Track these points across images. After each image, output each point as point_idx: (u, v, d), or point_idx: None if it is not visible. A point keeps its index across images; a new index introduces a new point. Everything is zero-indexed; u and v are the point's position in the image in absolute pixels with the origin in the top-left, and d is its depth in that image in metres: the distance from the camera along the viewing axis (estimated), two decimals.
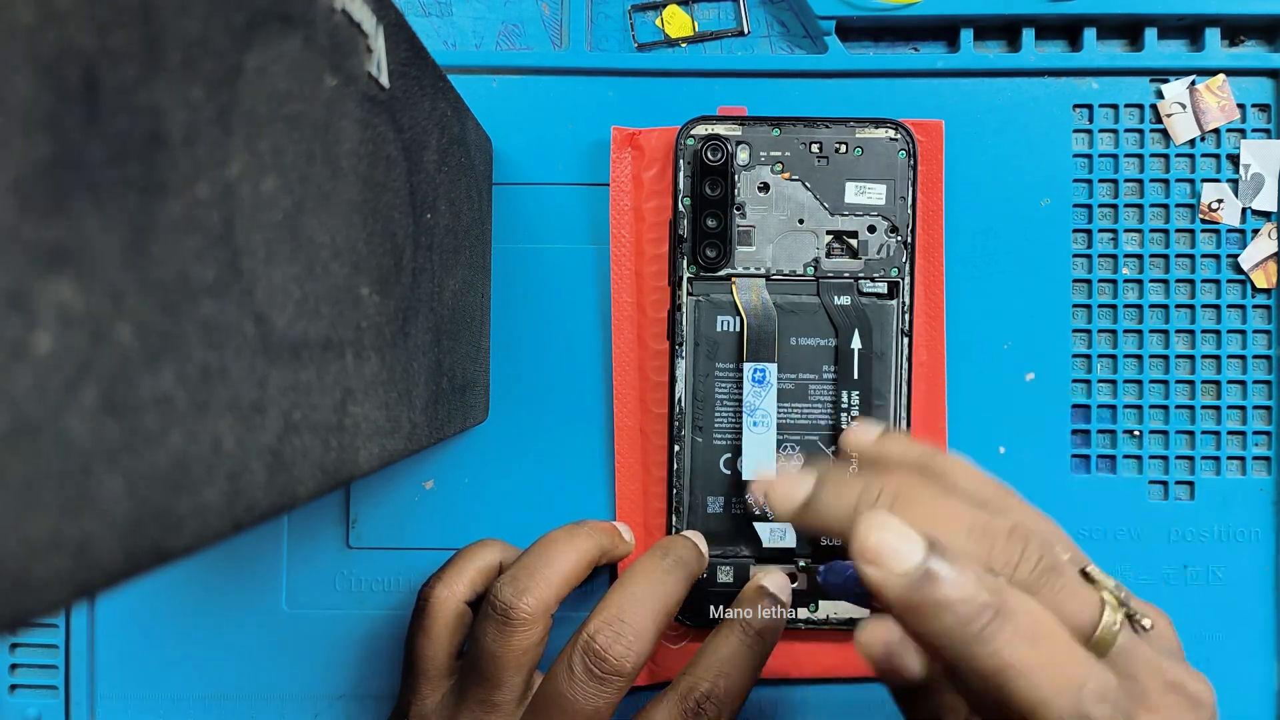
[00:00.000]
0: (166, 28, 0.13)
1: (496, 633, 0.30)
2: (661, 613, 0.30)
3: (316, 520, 0.37)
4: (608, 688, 0.28)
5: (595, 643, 0.28)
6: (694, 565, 0.32)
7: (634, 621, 0.29)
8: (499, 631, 0.30)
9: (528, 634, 0.30)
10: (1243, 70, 0.36)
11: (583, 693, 0.28)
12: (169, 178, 0.13)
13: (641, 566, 0.31)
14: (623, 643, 0.28)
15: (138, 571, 0.12)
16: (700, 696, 0.29)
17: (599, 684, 0.28)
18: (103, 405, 0.12)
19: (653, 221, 0.36)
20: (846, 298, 0.35)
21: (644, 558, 0.31)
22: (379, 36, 0.20)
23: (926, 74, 0.37)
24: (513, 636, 0.29)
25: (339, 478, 0.19)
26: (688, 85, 0.37)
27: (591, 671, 0.28)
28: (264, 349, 0.16)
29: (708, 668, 0.30)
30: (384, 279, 0.22)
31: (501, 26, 0.37)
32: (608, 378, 0.36)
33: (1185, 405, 0.36)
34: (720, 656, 0.30)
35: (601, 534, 0.33)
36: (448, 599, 0.32)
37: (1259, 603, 0.36)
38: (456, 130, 0.29)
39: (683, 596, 0.31)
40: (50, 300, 0.11)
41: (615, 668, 0.28)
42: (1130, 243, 0.37)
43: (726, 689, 0.29)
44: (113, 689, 0.36)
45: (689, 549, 0.32)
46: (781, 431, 0.35)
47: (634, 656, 0.28)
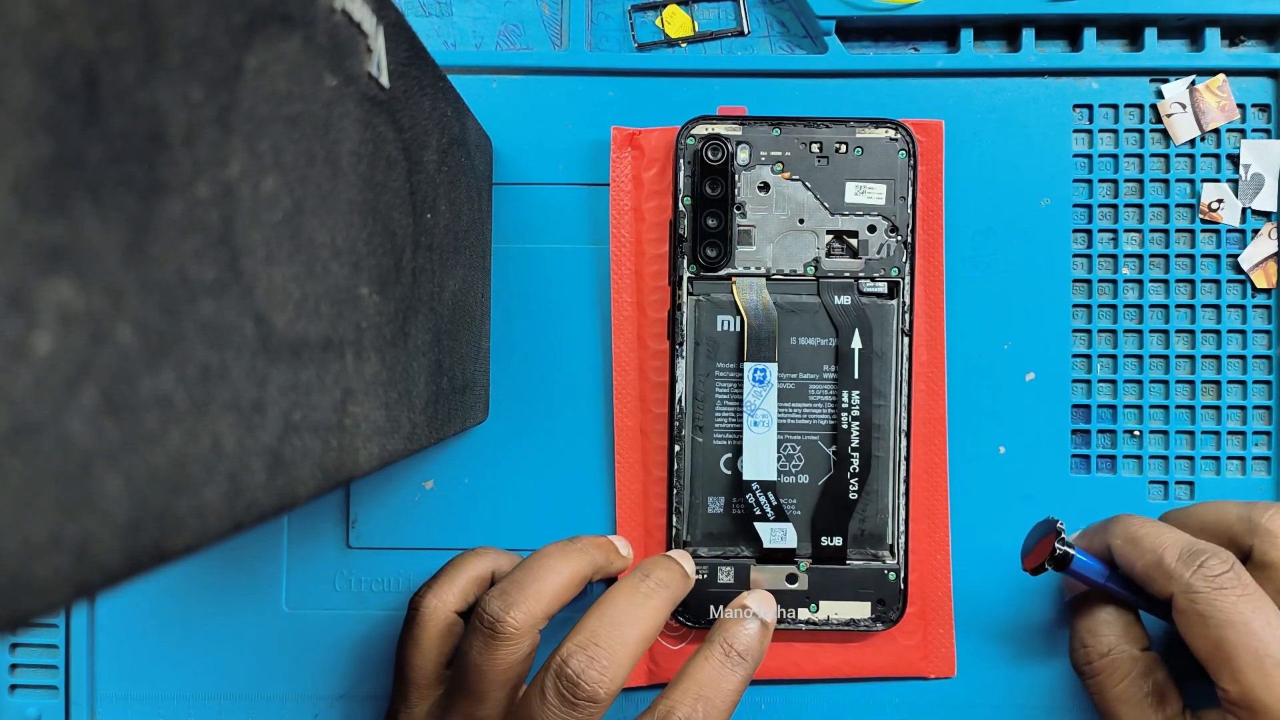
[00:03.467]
0: (166, 28, 0.13)
1: (483, 646, 0.29)
2: (639, 638, 0.29)
3: (316, 520, 0.37)
4: (580, 714, 0.27)
5: (568, 668, 0.28)
6: (676, 587, 0.31)
7: (609, 646, 0.28)
8: (485, 644, 0.29)
9: (514, 649, 0.29)
10: (1243, 70, 0.36)
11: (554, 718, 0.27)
12: (169, 178, 0.13)
13: (621, 589, 0.30)
14: (596, 668, 0.28)
15: (138, 571, 0.12)
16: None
17: (570, 709, 0.27)
18: (103, 405, 0.12)
19: (653, 221, 0.36)
20: (847, 297, 0.35)
21: (624, 579, 0.31)
22: (379, 36, 0.20)
23: (926, 74, 0.37)
24: (498, 650, 0.29)
25: (339, 478, 0.19)
26: (688, 85, 0.37)
27: (564, 697, 0.27)
28: (264, 349, 0.16)
29: (686, 690, 0.29)
30: (384, 279, 0.22)
31: (501, 26, 0.37)
32: (608, 378, 0.36)
33: (1185, 405, 0.36)
34: (699, 679, 0.29)
35: (596, 550, 0.33)
36: (437, 609, 0.31)
37: None
38: (456, 130, 0.29)
39: (663, 619, 0.30)
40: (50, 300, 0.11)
41: (589, 694, 0.27)
42: (1130, 243, 0.37)
43: (705, 713, 0.28)
44: (113, 689, 0.36)
45: (671, 570, 0.32)
46: (782, 431, 0.35)
47: (608, 683, 0.28)
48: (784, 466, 0.35)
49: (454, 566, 0.33)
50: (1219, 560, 0.27)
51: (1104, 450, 0.37)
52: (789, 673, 0.36)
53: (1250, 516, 0.29)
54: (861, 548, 0.35)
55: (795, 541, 0.35)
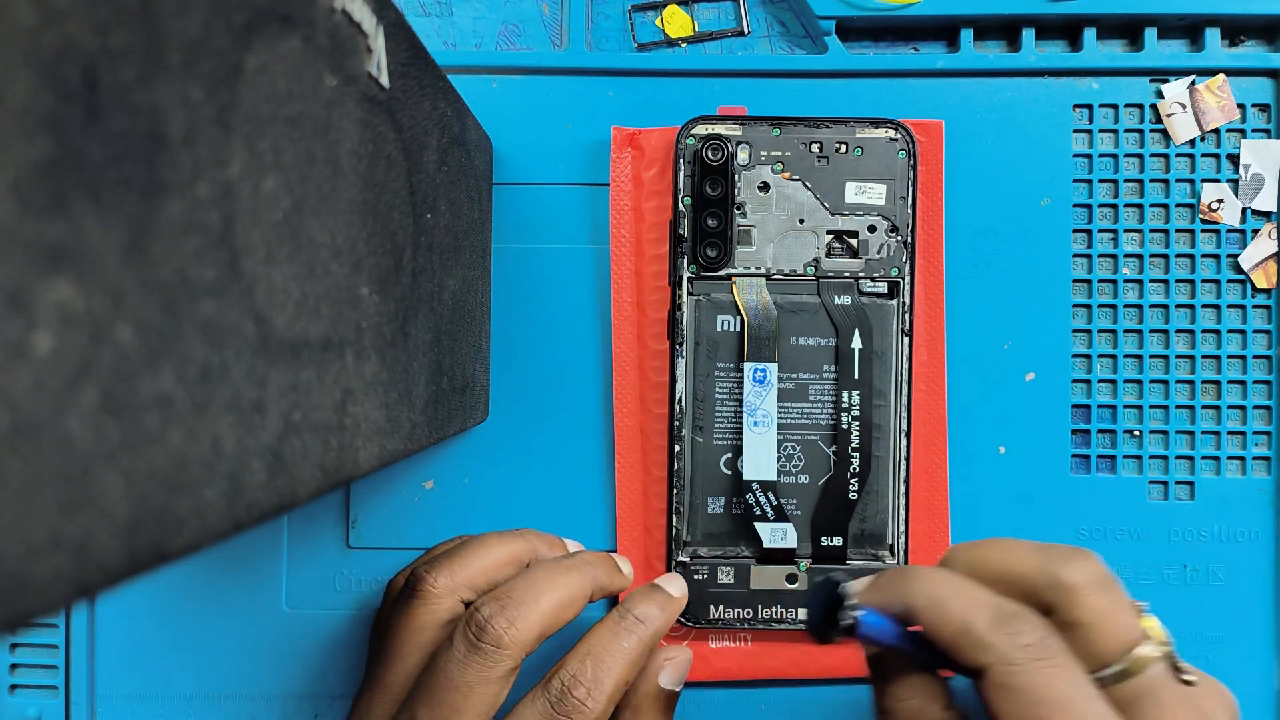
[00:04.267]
0: (166, 28, 0.13)
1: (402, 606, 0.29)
2: (553, 601, 0.29)
3: (316, 520, 0.37)
4: (484, 659, 0.27)
5: (479, 613, 0.28)
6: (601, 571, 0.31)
7: (521, 599, 0.28)
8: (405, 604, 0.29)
9: (430, 610, 0.29)
10: (1243, 70, 0.36)
11: (457, 662, 0.27)
12: (169, 178, 0.13)
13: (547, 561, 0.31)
14: (505, 616, 0.28)
15: (138, 571, 0.12)
16: (567, 678, 0.28)
17: (474, 653, 0.27)
18: (103, 405, 0.12)
19: (653, 221, 0.36)
20: (847, 297, 0.35)
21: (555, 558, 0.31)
22: (379, 36, 0.20)
23: (926, 74, 0.37)
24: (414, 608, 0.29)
25: (339, 478, 0.19)
26: (688, 85, 0.37)
27: (469, 640, 0.27)
28: (264, 349, 0.16)
29: (577, 650, 0.29)
30: (384, 279, 0.22)
31: (501, 26, 0.37)
32: (608, 378, 0.36)
33: (1185, 405, 0.36)
34: (591, 640, 0.29)
35: (536, 538, 0.32)
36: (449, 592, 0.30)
37: (1259, 603, 0.36)
38: (456, 130, 0.29)
39: (580, 595, 0.30)
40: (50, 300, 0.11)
41: (493, 638, 0.27)
42: (1130, 243, 0.37)
43: (594, 670, 0.28)
44: (113, 689, 0.36)
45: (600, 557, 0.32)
46: (782, 431, 0.35)
47: (515, 632, 0.27)
48: (784, 466, 0.35)
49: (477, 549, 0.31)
50: (1030, 626, 0.24)
51: (1104, 450, 0.37)
52: (788, 673, 0.36)
53: (1048, 568, 0.26)
54: (861, 548, 0.35)
55: (795, 541, 0.35)
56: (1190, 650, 0.36)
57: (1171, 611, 0.36)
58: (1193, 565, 0.36)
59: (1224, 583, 0.36)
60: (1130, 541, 0.36)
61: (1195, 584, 0.36)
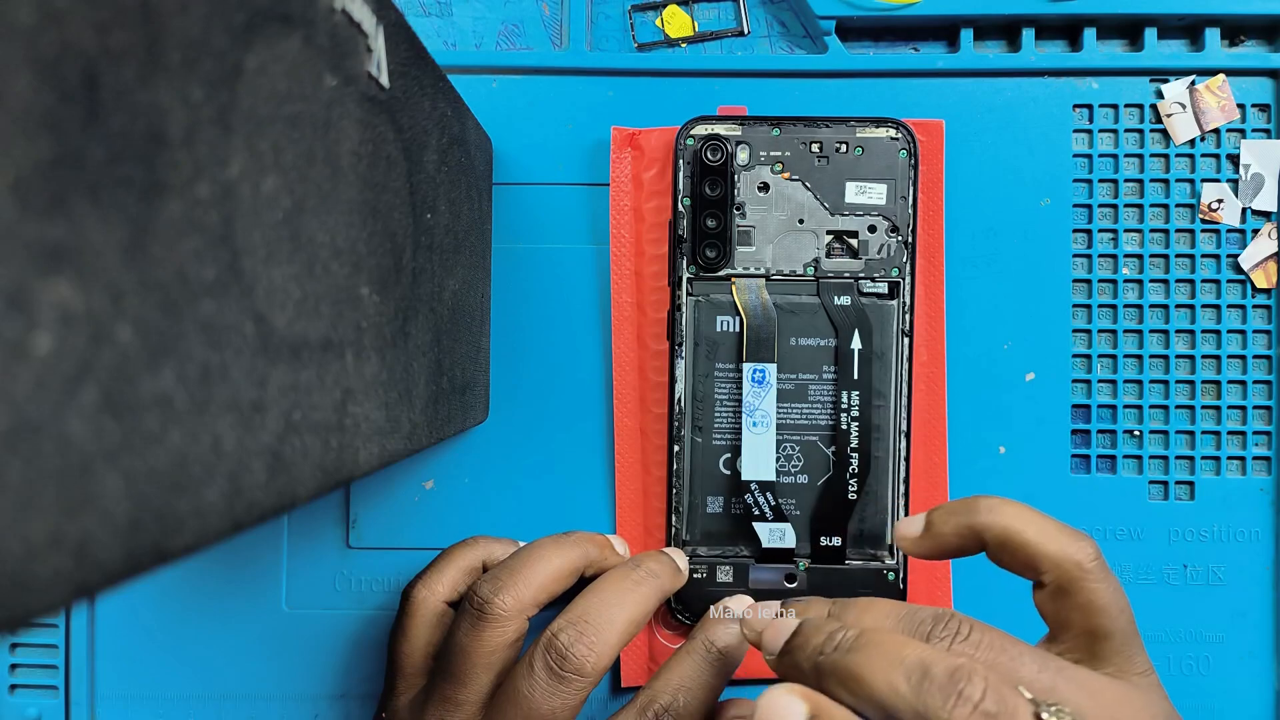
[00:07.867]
0: (166, 28, 0.13)
1: (470, 627, 0.29)
2: (627, 620, 0.30)
3: (316, 520, 0.37)
4: (567, 687, 0.28)
5: (558, 640, 0.28)
6: (666, 579, 0.32)
7: (597, 624, 0.29)
8: (472, 626, 0.29)
9: (500, 631, 0.29)
10: (1243, 70, 0.36)
11: (541, 691, 0.28)
12: (169, 178, 0.13)
13: (612, 575, 0.31)
14: (585, 643, 0.28)
15: (138, 571, 0.12)
16: (659, 709, 0.29)
17: (558, 682, 0.28)
18: (103, 405, 0.12)
19: (653, 221, 0.36)
20: (846, 298, 0.35)
21: (616, 567, 0.32)
22: (379, 36, 0.20)
23: (926, 74, 0.37)
24: (485, 632, 0.29)
25: (339, 478, 0.19)
26: (688, 85, 0.37)
27: (551, 669, 0.28)
28: (264, 349, 0.16)
29: (667, 682, 0.30)
30: (384, 279, 0.22)
31: (501, 26, 0.37)
32: (608, 378, 0.36)
33: (1185, 405, 0.36)
34: (681, 672, 0.30)
35: (590, 544, 0.33)
36: (427, 599, 0.32)
37: (1259, 603, 0.36)
38: (456, 130, 0.29)
39: (652, 608, 0.31)
40: (50, 300, 0.11)
41: (575, 666, 0.28)
42: (1130, 243, 0.37)
43: (686, 704, 0.29)
44: (113, 689, 0.36)
45: (662, 563, 0.32)
46: (781, 431, 0.35)
47: (595, 658, 0.28)
48: (783, 467, 0.35)
49: (444, 557, 0.33)
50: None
51: (1104, 450, 0.37)
52: None
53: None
54: (860, 548, 0.35)
55: (794, 541, 0.35)
56: (1190, 650, 0.36)
57: (1171, 611, 0.36)
58: (1193, 565, 0.36)
59: (1224, 583, 0.36)
60: (1130, 541, 0.36)
61: (1195, 584, 0.36)
